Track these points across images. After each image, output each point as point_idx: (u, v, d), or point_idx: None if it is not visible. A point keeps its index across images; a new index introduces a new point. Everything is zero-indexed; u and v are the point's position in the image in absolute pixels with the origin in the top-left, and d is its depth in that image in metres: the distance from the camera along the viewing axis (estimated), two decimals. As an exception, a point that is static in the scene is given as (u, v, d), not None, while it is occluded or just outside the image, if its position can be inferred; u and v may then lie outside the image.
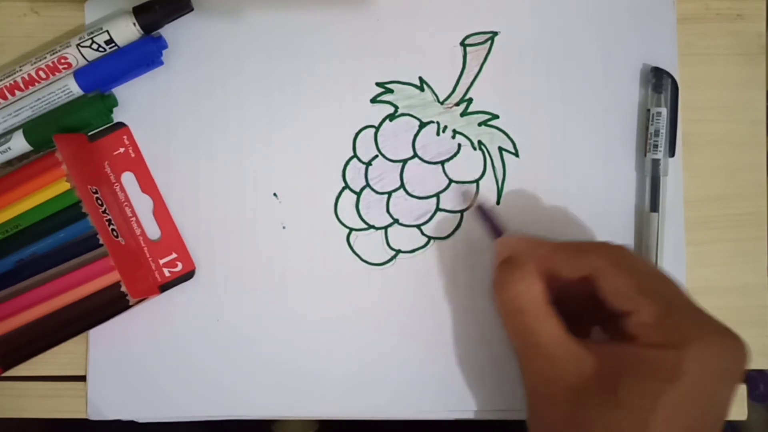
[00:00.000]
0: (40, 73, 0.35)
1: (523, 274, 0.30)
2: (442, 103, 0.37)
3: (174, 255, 0.36)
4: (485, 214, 0.35)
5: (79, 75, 0.35)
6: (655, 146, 0.36)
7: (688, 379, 0.26)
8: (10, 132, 0.36)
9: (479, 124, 0.37)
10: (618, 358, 0.28)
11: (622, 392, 0.27)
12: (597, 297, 0.30)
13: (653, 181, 0.36)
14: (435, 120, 0.37)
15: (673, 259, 0.36)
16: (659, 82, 0.36)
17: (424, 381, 0.36)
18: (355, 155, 0.37)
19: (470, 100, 0.37)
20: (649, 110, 0.36)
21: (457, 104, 0.37)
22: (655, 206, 0.36)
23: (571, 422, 0.28)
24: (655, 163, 0.36)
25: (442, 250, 0.37)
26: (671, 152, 0.36)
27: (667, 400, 0.26)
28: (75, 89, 0.35)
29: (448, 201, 0.37)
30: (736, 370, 0.28)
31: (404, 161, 0.37)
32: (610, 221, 0.37)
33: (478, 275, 0.36)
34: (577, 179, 0.37)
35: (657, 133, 0.36)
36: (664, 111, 0.36)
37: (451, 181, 0.37)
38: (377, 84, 0.37)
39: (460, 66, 0.37)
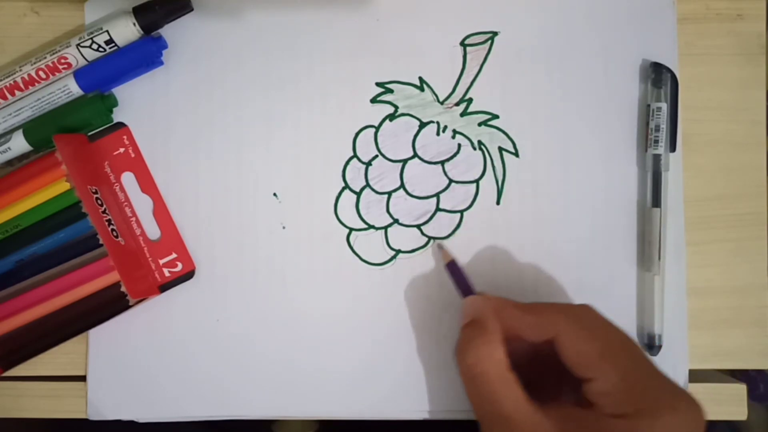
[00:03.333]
0: (40, 73, 0.35)
1: (486, 339, 0.30)
2: (442, 103, 0.37)
3: (174, 255, 0.36)
4: (455, 272, 0.35)
5: (79, 75, 0.35)
6: (656, 141, 0.36)
7: None
8: (10, 132, 0.36)
9: (479, 124, 0.37)
10: (577, 426, 0.28)
11: None
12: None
13: (655, 177, 0.36)
14: (435, 120, 0.37)
15: (674, 257, 0.37)
16: (659, 78, 0.36)
17: (425, 381, 0.36)
18: (355, 155, 0.37)
19: (470, 100, 0.37)
20: (649, 106, 0.36)
21: (457, 104, 0.37)
22: (657, 202, 0.36)
23: None
24: (657, 158, 0.36)
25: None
26: (672, 147, 0.36)
27: None
28: (75, 89, 0.35)
29: (448, 201, 0.37)
30: None
31: (404, 161, 0.37)
32: (611, 218, 0.37)
33: (478, 275, 0.36)
34: (578, 177, 0.37)
35: (657, 128, 0.36)
36: (664, 106, 0.36)
37: (451, 181, 0.37)
38: (377, 84, 0.37)
39: (460, 66, 0.37)
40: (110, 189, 0.36)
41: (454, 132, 0.37)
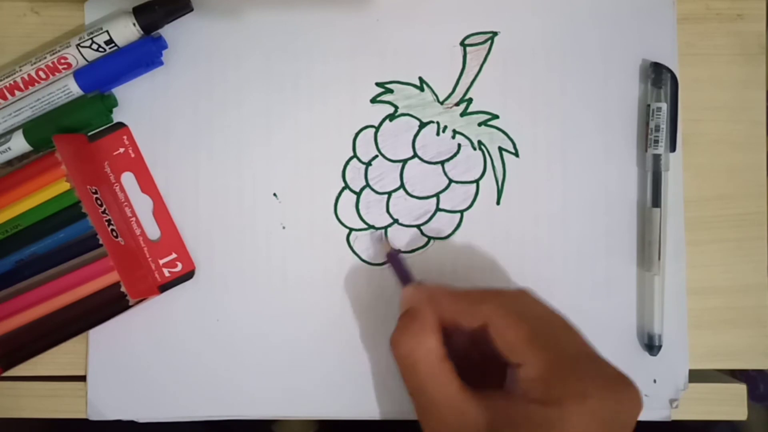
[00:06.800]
0: (40, 73, 0.35)
1: (419, 329, 0.30)
2: (441, 103, 0.37)
3: (174, 255, 0.36)
4: (395, 262, 0.35)
5: (79, 75, 0.35)
6: (656, 141, 0.36)
7: None
8: (10, 132, 0.36)
9: (479, 124, 0.37)
10: (508, 413, 0.28)
11: None
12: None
13: (655, 177, 0.36)
14: (435, 120, 0.37)
15: (674, 257, 0.37)
16: (659, 77, 0.36)
17: (424, 381, 0.36)
18: (355, 155, 0.37)
19: (470, 100, 0.37)
20: (649, 106, 0.36)
21: (457, 104, 0.37)
22: (657, 202, 0.36)
23: None
24: (656, 158, 0.36)
25: (442, 250, 0.37)
26: (672, 147, 0.36)
27: None
28: (75, 89, 0.35)
29: (448, 201, 0.37)
30: (623, 421, 0.27)
31: (404, 161, 0.37)
32: (611, 218, 0.37)
33: (478, 275, 0.36)
34: (578, 178, 0.37)
35: (657, 128, 0.36)
36: (664, 106, 0.36)
37: (451, 181, 0.37)
38: (377, 84, 0.37)
39: (460, 66, 0.37)
40: (110, 189, 0.36)
41: (454, 132, 0.37)
